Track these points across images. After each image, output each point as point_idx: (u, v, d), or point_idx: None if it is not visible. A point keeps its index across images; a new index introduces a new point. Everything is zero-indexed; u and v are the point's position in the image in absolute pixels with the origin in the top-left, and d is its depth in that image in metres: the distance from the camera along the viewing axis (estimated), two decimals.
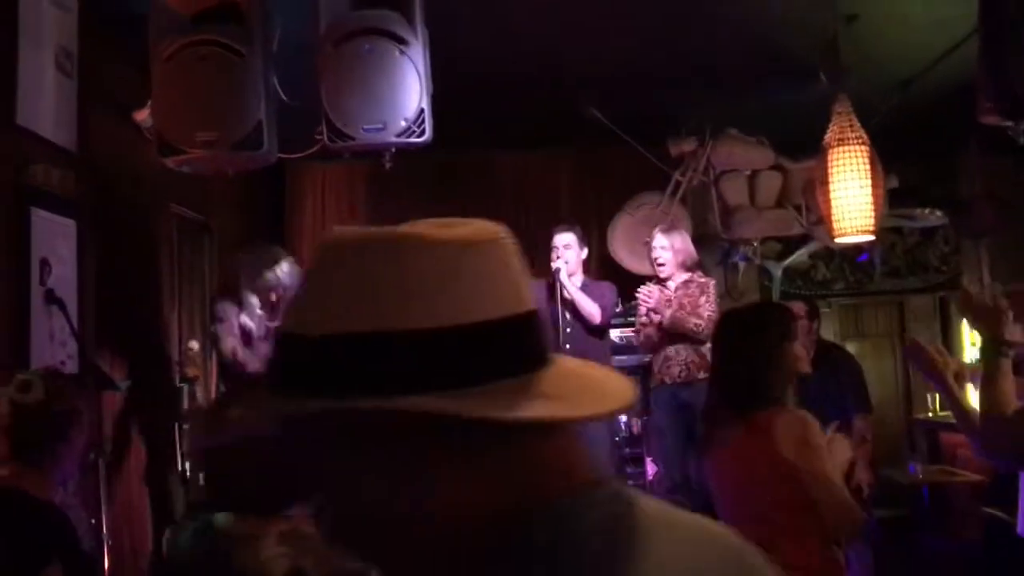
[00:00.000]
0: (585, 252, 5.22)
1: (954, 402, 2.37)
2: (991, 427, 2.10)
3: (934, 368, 2.36)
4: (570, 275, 5.06)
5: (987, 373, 2.12)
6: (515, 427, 0.74)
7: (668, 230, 5.15)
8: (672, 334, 4.87)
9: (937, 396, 6.68)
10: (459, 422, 0.73)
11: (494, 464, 0.76)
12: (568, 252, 5.07)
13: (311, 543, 1.67)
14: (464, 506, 0.76)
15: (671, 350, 4.92)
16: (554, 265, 5.00)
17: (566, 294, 4.99)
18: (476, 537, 0.76)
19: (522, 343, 0.79)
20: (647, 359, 6.16)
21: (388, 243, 0.77)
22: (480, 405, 0.73)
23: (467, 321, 0.75)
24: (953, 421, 6.37)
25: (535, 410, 0.76)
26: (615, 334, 6.14)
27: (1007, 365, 2.13)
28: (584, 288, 5.10)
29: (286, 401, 0.77)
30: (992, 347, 2.15)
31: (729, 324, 2.53)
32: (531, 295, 0.81)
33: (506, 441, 0.76)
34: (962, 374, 2.40)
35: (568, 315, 5.02)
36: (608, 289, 5.16)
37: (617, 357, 5.96)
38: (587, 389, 0.83)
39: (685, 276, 5.00)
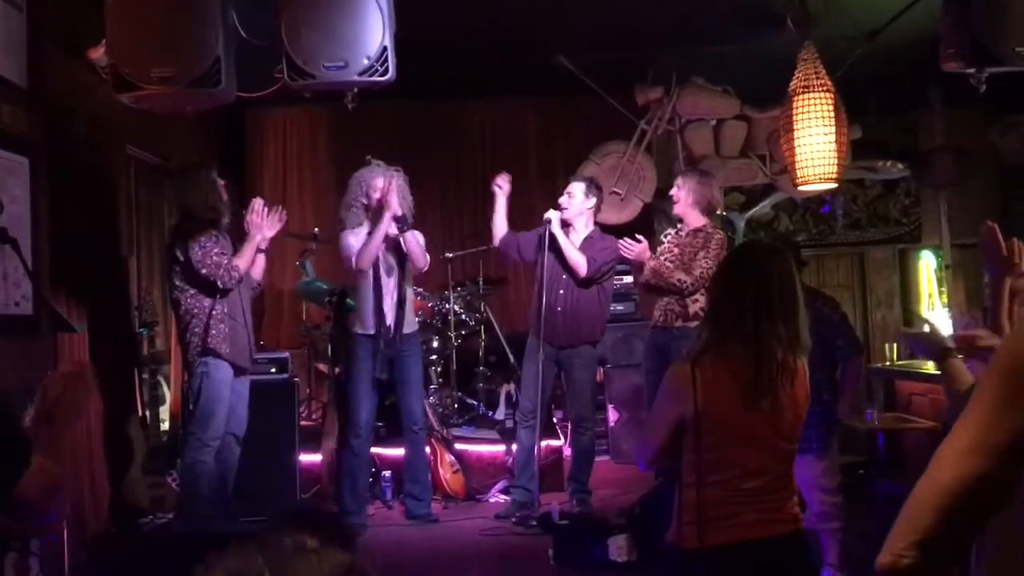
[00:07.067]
0: (592, 202, 5.08)
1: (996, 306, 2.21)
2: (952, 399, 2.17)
3: (1002, 263, 2.18)
4: (569, 222, 5.02)
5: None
6: None
7: (687, 172, 5.08)
8: (654, 286, 4.81)
9: (895, 346, 6.78)
10: None
11: None
12: (571, 200, 5.02)
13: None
14: None
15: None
16: (546, 216, 4.96)
17: (559, 243, 4.93)
18: None
19: None
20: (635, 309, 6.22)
21: None
22: None
23: None
24: (907, 370, 6.45)
25: None
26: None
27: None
28: (589, 240, 5.03)
29: None
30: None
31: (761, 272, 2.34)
32: None
33: None
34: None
35: (560, 265, 4.97)
36: (610, 243, 5.02)
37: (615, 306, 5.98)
38: None
39: (701, 223, 4.85)
